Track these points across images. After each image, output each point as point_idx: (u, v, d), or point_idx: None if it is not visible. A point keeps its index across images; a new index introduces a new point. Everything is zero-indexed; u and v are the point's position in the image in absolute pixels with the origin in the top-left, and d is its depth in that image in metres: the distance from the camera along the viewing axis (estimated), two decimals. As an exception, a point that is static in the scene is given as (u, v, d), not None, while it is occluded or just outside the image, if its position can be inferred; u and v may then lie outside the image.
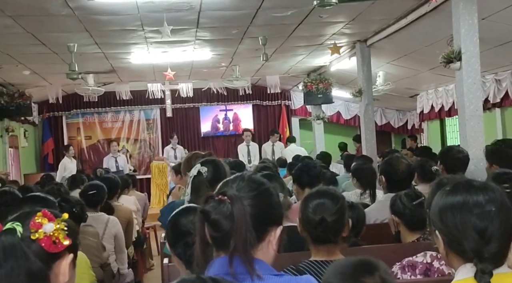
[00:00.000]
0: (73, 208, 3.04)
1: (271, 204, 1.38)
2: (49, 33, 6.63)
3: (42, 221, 1.28)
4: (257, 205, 1.33)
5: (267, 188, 1.40)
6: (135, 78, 10.59)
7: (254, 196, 1.34)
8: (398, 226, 2.65)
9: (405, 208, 2.59)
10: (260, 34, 7.23)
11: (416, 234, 2.61)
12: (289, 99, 13.27)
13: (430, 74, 8.96)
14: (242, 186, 1.38)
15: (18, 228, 1.25)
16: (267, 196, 1.38)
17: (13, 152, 10.70)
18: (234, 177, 1.43)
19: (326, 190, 2.11)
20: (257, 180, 1.42)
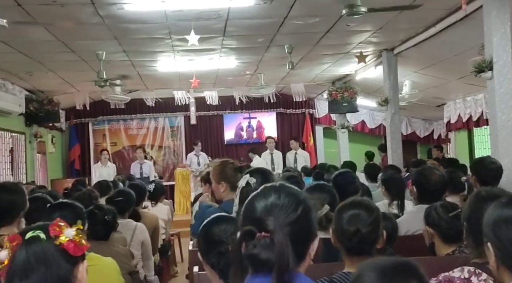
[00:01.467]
0: (105, 215, 3.06)
1: (310, 223, 1.34)
2: (79, 41, 6.75)
3: (62, 228, 1.31)
4: (298, 230, 1.29)
5: (305, 207, 1.34)
6: (161, 85, 10.70)
7: (294, 221, 1.29)
8: (433, 238, 2.59)
9: (441, 220, 2.53)
10: (286, 42, 7.24)
11: (451, 246, 2.54)
12: (313, 108, 13.22)
13: (458, 83, 8.83)
14: (282, 211, 1.30)
15: (41, 235, 1.28)
16: (306, 217, 1.33)
17: (40, 157, 10.89)
18: (272, 204, 1.32)
19: (361, 201, 2.08)
20: (296, 199, 1.34)
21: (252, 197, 1.37)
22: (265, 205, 1.31)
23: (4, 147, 9.30)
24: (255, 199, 1.35)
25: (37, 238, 1.28)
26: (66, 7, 5.26)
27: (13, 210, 2.76)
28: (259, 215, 1.30)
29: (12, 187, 2.89)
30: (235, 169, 3.14)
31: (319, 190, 2.65)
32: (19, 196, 2.81)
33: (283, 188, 1.38)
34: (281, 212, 1.29)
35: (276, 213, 1.29)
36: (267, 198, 1.33)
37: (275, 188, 1.37)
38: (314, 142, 13.09)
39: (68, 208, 2.53)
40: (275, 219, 1.27)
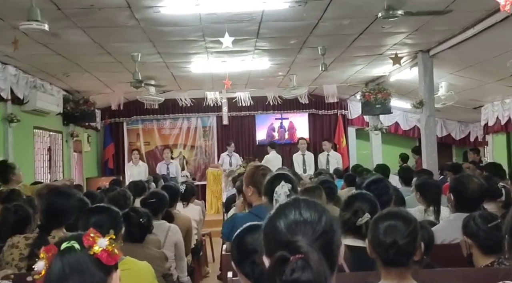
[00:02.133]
0: (140, 218, 3.11)
1: (336, 231, 1.30)
2: (115, 43, 6.88)
3: (95, 238, 1.34)
4: (327, 242, 1.25)
5: (328, 217, 1.29)
6: (194, 86, 10.79)
7: (322, 234, 1.25)
8: (471, 249, 2.53)
9: (479, 230, 2.48)
10: (319, 44, 7.20)
11: (490, 258, 2.48)
12: (346, 109, 13.09)
13: (496, 85, 8.60)
14: (307, 227, 1.25)
15: (75, 246, 1.32)
16: (331, 226, 1.28)
17: (76, 156, 11.15)
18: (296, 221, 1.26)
19: (398, 211, 2.04)
20: (317, 210, 1.29)
21: (271, 218, 1.30)
22: (288, 224, 1.26)
23: (42, 146, 9.56)
24: (275, 220, 1.28)
25: (71, 248, 1.31)
26: (103, 10, 5.37)
27: (66, 214, 2.90)
28: (285, 236, 1.24)
29: (67, 192, 3.01)
30: (265, 175, 3.16)
31: (360, 199, 2.63)
32: (72, 201, 2.97)
33: (300, 202, 1.32)
34: (307, 228, 1.25)
35: (302, 230, 1.24)
36: (287, 217, 1.28)
37: (293, 204, 1.31)
38: (347, 144, 12.97)
39: (105, 212, 2.58)
40: (303, 237, 1.22)
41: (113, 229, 2.46)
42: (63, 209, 2.88)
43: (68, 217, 2.90)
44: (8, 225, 3.10)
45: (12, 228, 3.09)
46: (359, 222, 2.46)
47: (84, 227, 2.52)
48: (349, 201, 2.63)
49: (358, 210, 2.50)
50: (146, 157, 12.80)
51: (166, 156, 11.16)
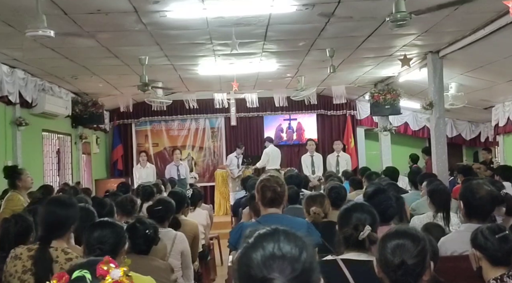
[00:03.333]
0: (146, 230, 3.08)
1: (315, 268, 1.20)
2: (122, 47, 6.87)
3: (109, 268, 1.30)
4: (305, 280, 1.16)
5: (308, 252, 1.20)
6: (202, 88, 10.78)
7: (301, 273, 1.15)
8: (480, 261, 2.49)
9: (487, 242, 2.44)
10: (328, 46, 7.14)
11: (499, 270, 2.44)
12: (355, 109, 13.00)
13: (507, 85, 8.50)
14: (285, 264, 1.15)
15: (87, 276, 1.28)
16: (311, 263, 1.19)
17: (85, 158, 11.18)
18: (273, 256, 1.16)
19: (406, 230, 1.99)
20: (297, 244, 1.19)
21: (246, 248, 1.20)
22: (265, 259, 1.16)
23: (51, 149, 9.60)
24: (251, 251, 1.18)
25: (82, 278, 1.27)
26: (110, 15, 5.36)
27: (65, 224, 2.84)
28: (260, 272, 1.14)
29: (67, 201, 2.96)
30: (265, 187, 3.16)
31: (360, 210, 2.57)
32: (72, 211, 2.88)
33: (280, 234, 1.21)
34: (285, 265, 1.14)
35: (280, 267, 1.14)
36: (265, 249, 1.17)
37: (272, 236, 1.21)
38: (355, 144, 12.88)
39: (109, 227, 2.55)
40: (280, 275, 1.13)
41: (116, 245, 2.45)
42: (62, 220, 2.81)
43: (67, 227, 2.84)
44: (10, 236, 3.08)
45: (14, 239, 3.08)
46: (361, 236, 2.42)
47: (87, 241, 2.50)
48: (346, 214, 2.58)
49: (358, 224, 2.45)
50: (155, 158, 12.81)
51: (176, 157, 11.09)
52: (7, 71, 7.28)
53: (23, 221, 3.16)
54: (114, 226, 2.56)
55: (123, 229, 2.62)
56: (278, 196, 3.19)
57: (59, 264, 2.72)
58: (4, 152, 7.50)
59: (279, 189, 3.19)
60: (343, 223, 2.54)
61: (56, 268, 2.70)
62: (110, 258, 1.34)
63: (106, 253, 2.27)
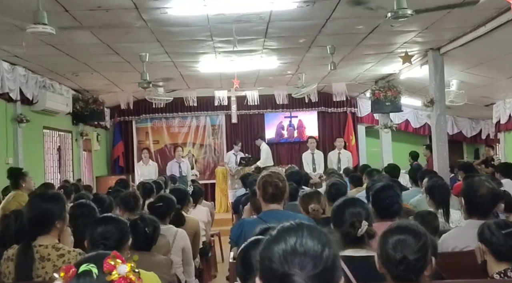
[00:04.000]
0: (146, 227, 3.07)
1: (337, 266, 1.19)
2: (123, 44, 6.87)
3: (115, 263, 1.29)
4: (327, 279, 1.15)
5: (331, 249, 1.18)
6: (202, 85, 10.78)
7: (322, 270, 1.14)
8: (485, 255, 2.50)
9: (493, 237, 2.46)
10: (328, 43, 7.14)
11: (503, 264, 2.45)
12: (356, 106, 12.99)
13: (508, 82, 8.49)
14: (307, 260, 1.14)
15: (93, 270, 1.28)
16: (333, 261, 1.17)
17: (86, 155, 11.18)
18: (295, 252, 1.15)
19: (408, 225, 1.99)
20: (320, 240, 1.18)
21: (269, 241, 1.19)
22: (286, 254, 1.15)
23: (52, 146, 9.60)
24: (274, 245, 1.18)
25: (88, 273, 1.27)
26: (110, 12, 5.35)
27: (48, 219, 2.73)
28: (281, 267, 1.13)
29: (51, 195, 2.87)
30: (267, 183, 3.17)
31: (352, 205, 2.57)
32: (55, 206, 2.77)
33: (304, 229, 1.20)
34: (306, 261, 1.13)
35: (301, 263, 1.13)
36: (287, 244, 1.16)
37: (295, 230, 1.19)
38: (356, 142, 12.88)
39: (112, 223, 2.54)
40: (301, 272, 1.12)
41: (120, 240, 2.45)
42: (45, 214, 2.70)
43: (52, 222, 2.72)
44: (10, 232, 3.07)
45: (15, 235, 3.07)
46: (359, 233, 2.42)
47: (91, 237, 2.50)
48: (339, 211, 2.58)
49: (355, 221, 2.45)
50: (155, 155, 12.81)
51: (178, 154, 11.06)
52: (7, 68, 7.28)
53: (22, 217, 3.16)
54: (118, 222, 2.56)
55: (127, 224, 2.62)
56: (279, 192, 3.20)
57: (51, 262, 2.66)
58: (5, 149, 7.51)
59: (281, 185, 3.20)
60: (337, 220, 2.55)
61: (49, 265, 2.65)
62: (117, 253, 1.34)
63: (110, 248, 2.27)
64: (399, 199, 2.99)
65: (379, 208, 3.03)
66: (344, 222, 2.48)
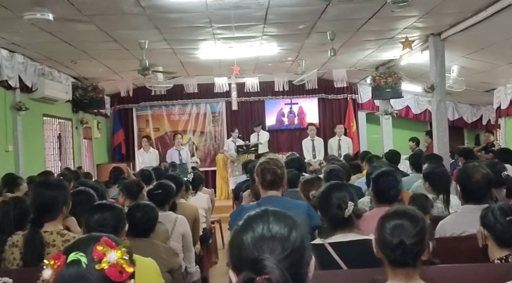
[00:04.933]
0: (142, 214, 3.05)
1: (306, 246, 1.23)
2: (121, 31, 6.82)
3: (105, 250, 1.27)
4: (296, 259, 1.19)
5: (298, 231, 1.22)
6: (202, 72, 10.74)
7: (291, 252, 1.18)
8: (486, 240, 2.49)
9: (497, 223, 2.43)
10: (328, 29, 7.08)
11: (505, 250, 2.44)
12: (356, 93, 12.95)
13: (509, 68, 8.45)
14: (275, 244, 1.17)
15: (82, 259, 1.25)
16: (301, 241, 1.21)
17: (87, 143, 11.19)
18: (263, 237, 1.18)
19: (405, 210, 1.99)
20: (287, 224, 1.21)
21: (237, 231, 1.23)
22: (255, 240, 1.18)
23: (52, 134, 9.60)
24: (242, 234, 1.21)
25: (77, 262, 1.25)
26: (108, -2, 5.32)
27: (55, 206, 2.81)
28: (251, 253, 1.17)
29: (55, 183, 2.93)
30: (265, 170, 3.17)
31: (337, 189, 2.58)
32: (61, 192, 2.85)
33: (269, 215, 1.23)
34: (275, 245, 1.17)
35: (270, 247, 1.17)
36: (255, 231, 1.20)
37: (261, 217, 1.23)
38: (357, 128, 12.86)
39: (108, 210, 2.55)
40: (271, 255, 1.15)
41: (116, 227, 2.46)
42: (51, 201, 2.78)
43: (58, 209, 2.81)
44: (10, 219, 3.08)
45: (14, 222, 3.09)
46: (346, 214, 2.43)
47: (87, 224, 2.51)
48: (325, 196, 2.59)
49: (340, 203, 2.47)
50: (156, 143, 12.81)
51: (177, 141, 11.06)
52: (6, 55, 7.24)
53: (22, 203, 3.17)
54: (114, 209, 2.57)
55: (122, 210, 2.63)
56: (278, 178, 3.20)
57: (57, 247, 2.72)
58: (5, 137, 7.50)
59: (279, 171, 3.19)
60: (324, 205, 2.56)
61: (54, 251, 2.69)
62: (107, 239, 1.32)
63: (108, 236, 2.28)
64: (398, 184, 2.99)
65: (377, 192, 3.03)
66: (330, 206, 2.50)
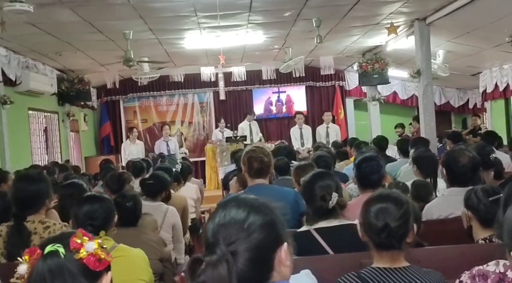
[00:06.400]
0: (127, 203, 3.06)
1: (270, 233, 1.22)
2: (105, 21, 6.75)
3: (82, 241, 1.28)
4: (253, 247, 1.19)
5: (259, 217, 1.22)
6: (189, 62, 10.67)
7: (244, 240, 1.19)
8: (470, 221, 2.52)
9: (480, 203, 2.46)
10: (314, 15, 7.06)
11: (488, 231, 2.47)
12: (343, 80, 12.96)
13: (494, 51, 8.50)
14: (230, 230, 1.19)
15: (60, 250, 1.25)
16: (262, 228, 1.21)
17: (74, 136, 11.10)
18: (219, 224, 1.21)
19: (389, 193, 2.00)
20: (245, 211, 1.22)
21: (207, 220, 1.29)
22: (213, 227, 1.22)
23: (38, 127, 9.50)
24: (208, 222, 1.26)
25: (55, 253, 1.24)
26: (90, -12, 5.25)
27: (38, 199, 2.84)
28: (209, 239, 1.21)
29: (36, 176, 2.94)
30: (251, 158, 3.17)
31: (320, 178, 2.57)
32: (43, 185, 2.88)
33: (233, 201, 1.26)
34: (229, 231, 1.19)
35: (224, 234, 1.19)
36: (214, 220, 1.24)
37: (224, 205, 1.26)
38: (345, 115, 12.89)
39: (97, 201, 2.54)
40: (223, 242, 1.18)
41: (105, 218, 2.45)
42: (33, 195, 2.82)
43: (41, 202, 2.85)
44: None
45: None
46: (330, 205, 2.44)
47: (76, 217, 2.50)
48: (308, 186, 2.57)
49: (324, 194, 2.46)
50: (144, 134, 12.76)
51: (165, 132, 11.02)
52: (-12, 49, 7.14)
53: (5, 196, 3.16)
54: (103, 200, 2.56)
55: (111, 202, 2.62)
56: (264, 167, 3.20)
57: (38, 235, 2.76)
58: (-10, 132, 7.42)
59: (266, 159, 3.20)
60: (308, 195, 2.55)
61: (36, 238, 2.75)
62: (83, 230, 1.32)
63: (98, 228, 2.28)
64: (381, 169, 3.00)
65: (360, 178, 3.05)
66: (314, 196, 2.49)
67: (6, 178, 5.78)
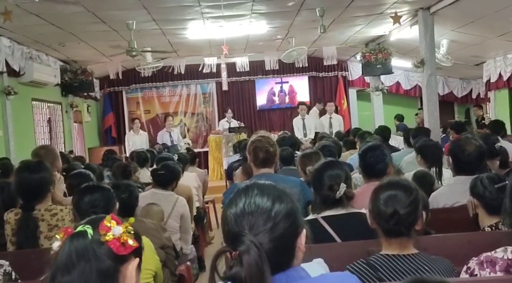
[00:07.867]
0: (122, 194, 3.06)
1: (294, 220, 1.21)
2: (109, 12, 6.73)
3: (111, 224, 1.30)
4: (279, 235, 1.18)
5: (285, 205, 1.21)
6: (192, 52, 10.64)
7: (271, 229, 1.17)
8: (476, 209, 2.52)
9: (486, 191, 2.47)
10: (317, 5, 7.04)
11: (494, 218, 2.47)
12: (346, 70, 12.93)
13: (499, 40, 8.46)
14: (256, 219, 1.16)
15: (88, 231, 1.28)
16: (287, 216, 1.20)
17: (77, 127, 11.12)
18: (243, 213, 1.18)
19: (399, 181, 2.01)
20: (271, 199, 1.20)
21: (225, 206, 1.24)
22: (237, 216, 1.19)
23: (42, 118, 9.52)
24: (227, 209, 1.22)
25: (83, 233, 1.27)
26: (94, -22, 5.23)
27: (42, 187, 2.91)
28: (233, 228, 1.17)
29: (36, 166, 2.99)
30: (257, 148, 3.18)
31: (330, 168, 2.56)
32: (45, 173, 2.95)
33: (254, 188, 1.23)
34: (254, 219, 1.17)
35: (249, 223, 1.17)
36: (237, 206, 1.20)
37: (245, 192, 1.22)
38: (348, 105, 12.87)
39: (98, 191, 2.57)
40: (250, 231, 1.15)
41: (107, 207, 2.48)
42: (37, 184, 2.88)
43: (45, 190, 2.92)
44: None
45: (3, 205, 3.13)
46: (337, 195, 2.44)
47: (77, 206, 2.53)
48: (318, 175, 2.56)
49: (332, 184, 2.45)
50: (147, 125, 12.77)
51: (168, 123, 11.05)
52: (-8, 39, 7.14)
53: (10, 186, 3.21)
54: (103, 189, 2.59)
55: (111, 191, 2.65)
56: (270, 156, 3.21)
57: (46, 222, 2.86)
58: (-5, 122, 7.44)
59: (271, 149, 3.21)
60: (317, 184, 2.55)
61: (44, 225, 2.85)
62: (114, 215, 1.34)
63: (100, 216, 2.30)
64: (385, 158, 2.99)
65: (364, 167, 3.05)
66: (323, 185, 2.49)
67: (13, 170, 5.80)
